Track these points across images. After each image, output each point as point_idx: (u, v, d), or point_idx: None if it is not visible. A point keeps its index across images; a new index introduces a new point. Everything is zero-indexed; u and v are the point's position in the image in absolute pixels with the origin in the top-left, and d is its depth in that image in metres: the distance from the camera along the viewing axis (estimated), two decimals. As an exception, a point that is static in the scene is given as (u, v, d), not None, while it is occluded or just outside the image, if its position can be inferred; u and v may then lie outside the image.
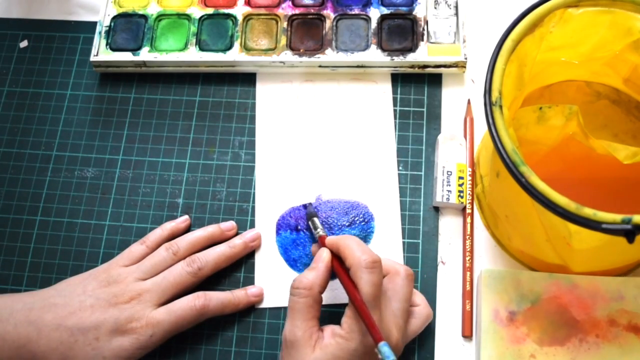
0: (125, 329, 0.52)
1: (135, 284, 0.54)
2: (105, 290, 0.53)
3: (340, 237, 0.51)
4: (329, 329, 0.49)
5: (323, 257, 0.51)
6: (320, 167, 0.61)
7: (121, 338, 0.51)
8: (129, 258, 0.56)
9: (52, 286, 0.55)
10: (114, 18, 0.66)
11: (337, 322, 0.48)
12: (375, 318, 0.46)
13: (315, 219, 0.56)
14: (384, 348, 0.43)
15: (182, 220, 0.59)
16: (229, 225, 0.59)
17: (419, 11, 0.64)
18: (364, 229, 0.58)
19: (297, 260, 0.58)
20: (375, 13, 0.65)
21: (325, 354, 0.47)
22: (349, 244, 0.50)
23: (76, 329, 0.51)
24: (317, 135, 0.62)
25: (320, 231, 0.55)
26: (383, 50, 0.63)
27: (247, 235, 0.58)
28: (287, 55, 0.63)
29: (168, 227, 0.58)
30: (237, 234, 0.59)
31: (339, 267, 0.50)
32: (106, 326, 0.51)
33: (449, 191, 0.57)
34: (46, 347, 0.51)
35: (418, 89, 0.63)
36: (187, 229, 0.59)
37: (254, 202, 0.60)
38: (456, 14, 0.64)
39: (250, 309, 0.56)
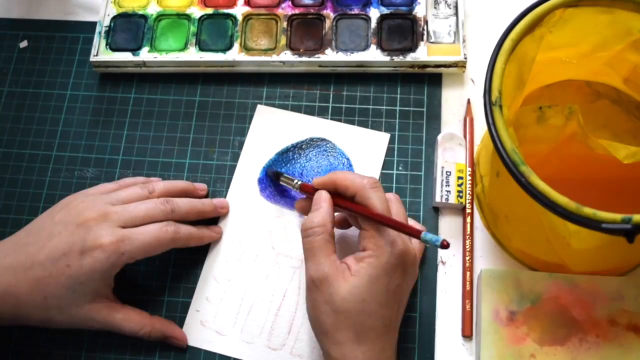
0: (94, 246, 0.50)
1: (104, 205, 0.53)
2: (72, 212, 0.52)
3: (329, 174, 0.52)
4: (350, 258, 0.48)
5: (322, 196, 0.51)
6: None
7: (90, 258, 0.50)
8: (100, 190, 0.55)
9: (24, 228, 0.54)
10: (114, 18, 0.66)
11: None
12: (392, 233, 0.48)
13: (283, 175, 0.57)
14: (428, 236, 0.45)
15: (157, 179, 0.60)
16: (202, 185, 0.60)
17: (418, 11, 0.64)
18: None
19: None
20: (375, 13, 0.65)
21: (360, 278, 0.47)
22: (344, 175, 0.51)
23: (48, 262, 0.50)
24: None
25: (297, 182, 0.55)
26: (383, 50, 0.63)
27: (217, 200, 0.59)
28: (287, 55, 0.63)
29: (142, 178, 0.59)
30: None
31: (341, 200, 0.51)
32: (74, 249, 0.50)
33: (447, 191, 0.57)
34: (27, 288, 0.50)
35: (418, 89, 0.63)
36: None
37: (254, 202, 0.60)
38: (456, 14, 0.64)
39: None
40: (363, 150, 0.61)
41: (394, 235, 0.48)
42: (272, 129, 0.62)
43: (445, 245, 0.44)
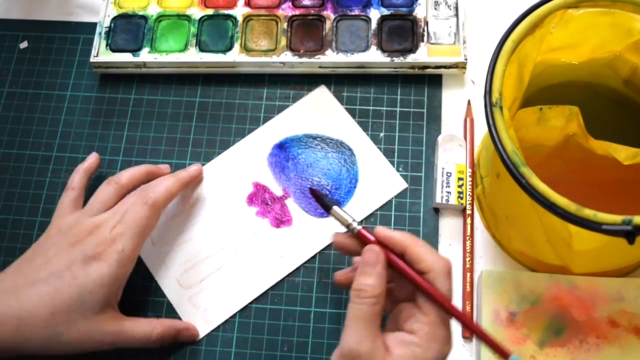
0: (94, 254, 0.50)
1: (91, 219, 0.53)
2: (62, 237, 0.52)
3: (403, 235, 0.46)
4: (393, 337, 0.44)
5: (381, 258, 0.46)
6: None
7: (96, 265, 0.50)
8: (67, 208, 0.55)
9: (12, 264, 0.52)
10: (114, 19, 0.66)
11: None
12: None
13: (336, 209, 0.49)
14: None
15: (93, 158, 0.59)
16: (165, 166, 0.60)
17: (419, 12, 0.64)
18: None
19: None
20: (375, 14, 0.65)
21: None
22: (420, 247, 0.46)
23: (51, 278, 0.49)
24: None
25: (354, 224, 0.48)
26: (383, 51, 0.63)
27: (190, 168, 0.59)
28: (287, 56, 0.63)
29: (83, 169, 0.58)
30: None
31: (403, 266, 0.46)
32: (77, 262, 0.50)
33: (448, 192, 0.57)
34: (30, 307, 0.48)
35: (418, 90, 0.63)
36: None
37: (254, 203, 0.60)
38: (456, 15, 0.64)
39: (249, 310, 0.56)
40: (375, 183, 0.60)
41: (449, 333, 0.45)
42: (319, 111, 0.62)
43: None
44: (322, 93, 0.63)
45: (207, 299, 0.57)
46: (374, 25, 0.64)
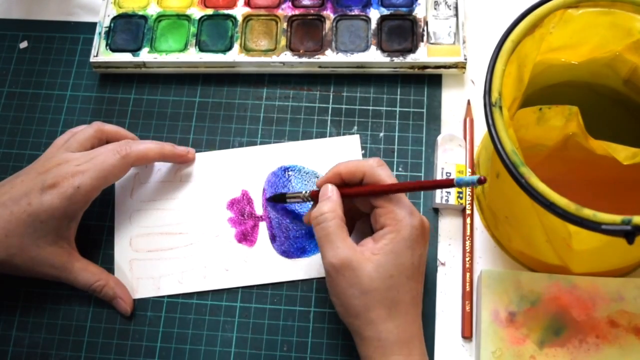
0: (52, 184, 0.52)
1: (64, 155, 0.54)
2: (34, 166, 0.55)
3: (331, 169, 0.51)
4: (367, 240, 0.49)
5: (329, 188, 0.51)
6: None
7: (49, 195, 0.52)
8: (59, 142, 0.57)
9: None
10: (114, 19, 0.66)
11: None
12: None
13: (287, 194, 0.56)
14: (462, 180, 0.44)
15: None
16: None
17: (418, 12, 0.64)
18: None
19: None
20: (375, 14, 0.65)
21: (385, 255, 0.47)
22: (347, 163, 0.51)
23: (9, 202, 0.52)
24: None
25: (305, 192, 0.54)
26: (383, 51, 0.63)
27: (180, 147, 0.59)
28: (287, 56, 0.63)
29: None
30: None
31: (350, 188, 0.51)
32: (35, 189, 0.52)
33: (447, 192, 0.57)
34: None
35: (418, 90, 0.63)
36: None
37: (253, 203, 0.60)
38: (456, 15, 0.64)
39: (248, 311, 0.56)
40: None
41: (410, 207, 0.49)
42: (340, 157, 0.60)
43: (482, 181, 0.43)
44: (352, 141, 0.61)
45: (144, 271, 0.57)
46: (373, 25, 0.64)
